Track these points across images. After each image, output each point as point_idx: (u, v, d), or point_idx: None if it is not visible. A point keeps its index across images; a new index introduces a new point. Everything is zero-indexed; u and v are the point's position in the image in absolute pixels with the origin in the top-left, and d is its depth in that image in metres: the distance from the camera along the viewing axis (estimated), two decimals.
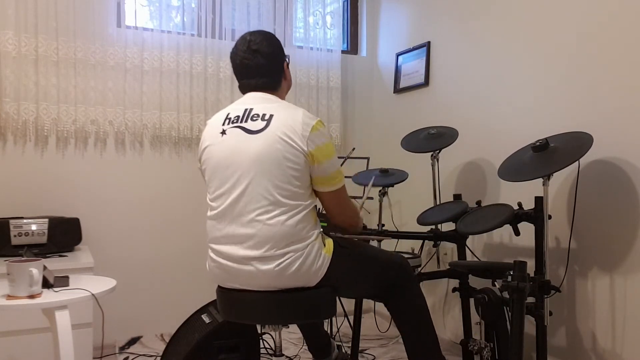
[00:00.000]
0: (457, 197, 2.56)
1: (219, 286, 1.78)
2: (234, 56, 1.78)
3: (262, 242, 1.61)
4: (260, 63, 1.74)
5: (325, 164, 1.66)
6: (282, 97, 1.81)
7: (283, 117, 1.65)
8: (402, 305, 1.85)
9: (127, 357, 2.70)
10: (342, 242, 1.78)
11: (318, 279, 1.67)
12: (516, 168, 2.00)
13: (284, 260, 1.61)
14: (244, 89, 1.79)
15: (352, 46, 3.74)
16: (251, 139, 1.64)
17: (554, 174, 1.90)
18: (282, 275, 1.61)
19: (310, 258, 1.64)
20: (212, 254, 1.73)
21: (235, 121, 1.69)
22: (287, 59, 1.85)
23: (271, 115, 1.65)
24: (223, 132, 1.70)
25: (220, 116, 1.76)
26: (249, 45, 1.74)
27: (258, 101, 1.72)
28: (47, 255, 2.43)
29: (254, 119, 1.67)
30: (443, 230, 2.49)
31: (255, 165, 1.62)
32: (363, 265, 1.80)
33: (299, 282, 1.65)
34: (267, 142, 1.62)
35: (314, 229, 1.68)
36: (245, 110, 1.70)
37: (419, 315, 1.85)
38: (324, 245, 1.70)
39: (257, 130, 1.64)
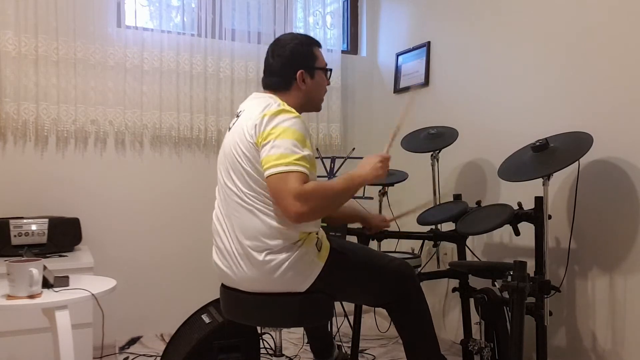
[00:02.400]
0: (457, 197, 2.56)
1: (222, 285, 1.78)
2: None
3: (243, 236, 1.60)
4: (272, 63, 1.76)
5: (267, 146, 1.52)
6: (292, 103, 1.69)
7: (249, 110, 1.66)
8: (403, 315, 1.80)
9: (127, 357, 2.70)
10: (340, 247, 1.72)
11: (307, 285, 1.63)
12: (516, 168, 2.00)
13: (269, 262, 1.57)
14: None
15: (352, 46, 3.74)
16: (228, 137, 1.71)
17: (554, 174, 1.90)
18: (269, 278, 1.59)
19: (298, 263, 1.58)
20: (214, 249, 1.76)
21: (235, 120, 1.76)
22: (310, 70, 1.75)
23: (242, 111, 1.70)
24: (229, 129, 1.78)
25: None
26: (273, 46, 1.77)
27: (250, 99, 1.76)
28: (47, 255, 2.43)
29: (238, 116, 1.73)
30: (443, 230, 2.49)
31: (225, 163, 1.67)
32: (360, 276, 1.73)
33: (286, 287, 1.61)
34: (232, 139, 1.66)
35: (298, 227, 1.59)
36: (240, 109, 1.77)
37: (421, 324, 1.81)
38: (318, 250, 1.64)
39: (231, 127, 1.71)
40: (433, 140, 2.62)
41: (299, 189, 1.47)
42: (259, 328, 2.28)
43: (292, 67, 1.74)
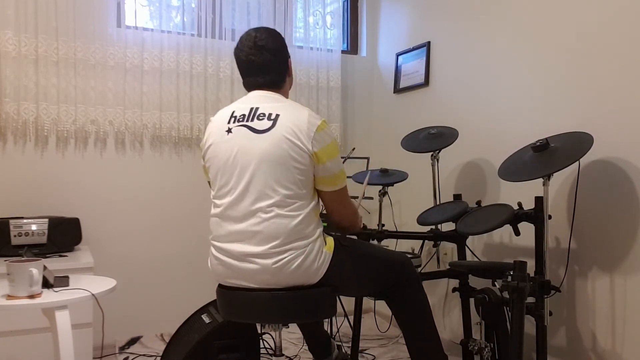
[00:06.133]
0: (457, 197, 2.56)
1: (219, 285, 1.78)
2: (239, 52, 1.77)
3: (266, 239, 1.62)
4: (267, 59, 1.74)
5: (328, 164, 1.67)
6: (286, 95, 1.82)
7: (289, 116, 1.66)
8: (404, 303, 1.86)
9: (127, 357, 2.70)
10: (343, 240, 1.79)
11: (319, 277, 1.67)
12: (516, 168, 2.00)
13: (284, 257, 1.61)
14: (249, 87, 1.79)
15: (352, 46, 3.74)
16: (258, 139, 1.65)
17: (554, 174, 1.90)
18: (281, 272, 1.62)
19: (311, 256, 1.64)
20: (214, 251, 1.73)
21: (241, 120, 1.70)
22: (289, 57, 1.86)
23: (277, 115, 1.66)
24: (229, 131, 1.70)
25: (225, 114, 1.76)
26: (254, 42, 1.74)
27: (264, 100, 1.73)
28: (47, 255, 2.43)
29: (260, 118, 1.68)
30: (443, 230, 2.49)
31: (262, 164, 1.63)
32: (365, 264, 1.80)
33: (299, 280, 1.66)
34: (273, 142, 1.63)
35: (316, 228, 1.69)
36: (251, 109, 1.71)
37: (421, 314, 1.86)
38: (325, 243, 1.71)
39: (264, 129, 1.65)
40: (433, 140, 2.62)
41: (353, 203, 1.83)
42: (259, 328, 2.28)
43: (283, 58, 1.80)
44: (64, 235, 2.55)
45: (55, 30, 2.76)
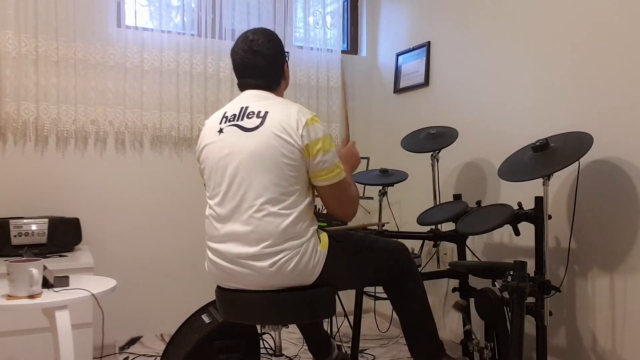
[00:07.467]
0: (457, 197, 2.56)
1: (218, 286, 1.78)
2: (235, 54, 1.78)
3: (259, 239, 1.61)
4: (261, 64, 1.75)
5: (319, 157, 1.65)
6: (280, 95, 1.82)
7: (278, 113, 1.66)
8: (401, 291, 1.89)
9: (127, 357, 2.70)
10: (337, 236, 1.78)
11: (315, 276, 1.67)
12: (516, 168, 2.00)
13: (280, 258, 1.61)
14: (243, 87, 1.80)
15: (352, 46, 3.74)
16: (247, 137, 1.65)
17: (554, 174, 1.90)
18: (278, 273, 1.61)
19: (306, 256, 1.64)
20: (209, 254, 1.73)
21: (232, 120, 1.71)
22: (287, 58, 1.86)
23: (266, 112, 1.67)
24: (220, 131, 1.72)
25: (217, 115, 1.78)
26: (250, 45, 1.74)
27: (254, 99, 1.73)
28: (47, 255, 2.43)
29: (250, 116, 1.68)
30: (443, 230, 2.49)
31: (252, 162, 1.63)
32: (360, 258, 1.81)
33: (296, 281, 1.65)
34: (262, 140, 1.63)
35: (310, 226, 1.68)
36: (242, 108, 1.72)
37: (418, 301, 1.90)
38: (320, 240, 1.70)
39: (253, 127, 1.66)
40: (433, 140, 2.62)
41: (354, 193, 1.78)
42: (259, 328, 2.28)
43: (279, 63, 1.81)
44: (64, 235, 2.55)
45: (55, 30, 2.76)
